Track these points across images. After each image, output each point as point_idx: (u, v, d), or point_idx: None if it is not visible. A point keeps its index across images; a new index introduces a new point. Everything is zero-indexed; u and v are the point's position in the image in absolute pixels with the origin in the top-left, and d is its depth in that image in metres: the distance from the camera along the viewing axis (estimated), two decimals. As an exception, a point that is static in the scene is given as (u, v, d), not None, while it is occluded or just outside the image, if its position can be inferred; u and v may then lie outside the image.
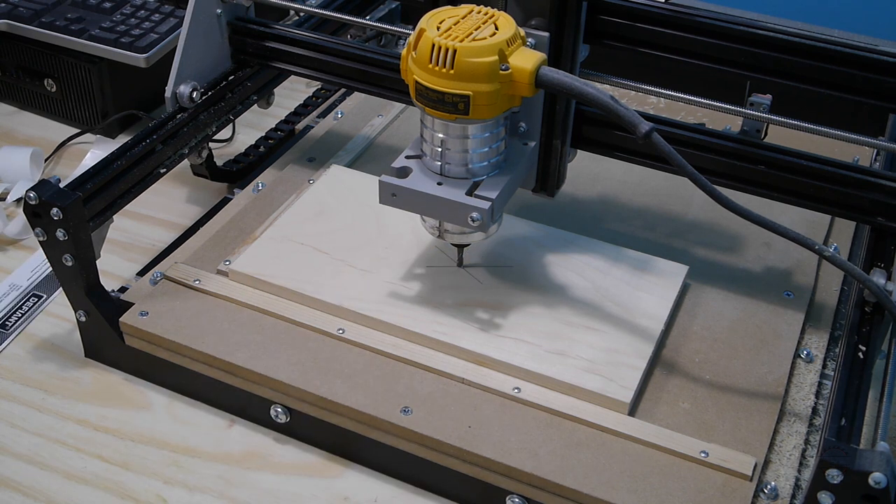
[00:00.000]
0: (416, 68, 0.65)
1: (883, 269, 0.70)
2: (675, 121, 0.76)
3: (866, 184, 0.70)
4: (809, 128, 0.69)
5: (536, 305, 0.75)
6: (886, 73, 0.67)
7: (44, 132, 1.06)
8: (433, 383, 0.70)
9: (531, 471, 0.64)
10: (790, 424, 0.70)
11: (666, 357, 0.73)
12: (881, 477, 0.54)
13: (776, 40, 0.69)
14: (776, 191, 0.73)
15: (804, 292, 0.79)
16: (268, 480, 0.69)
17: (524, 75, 0.64)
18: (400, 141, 0.97)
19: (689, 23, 0.71)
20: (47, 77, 1.05)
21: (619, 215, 0.88)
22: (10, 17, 1.03)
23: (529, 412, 0.68)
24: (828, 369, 0.74)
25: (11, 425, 0.73)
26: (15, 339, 0.80)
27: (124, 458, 0.70)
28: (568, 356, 0.70)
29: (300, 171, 0.91)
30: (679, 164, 0.62)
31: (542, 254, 0.79)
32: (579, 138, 0.77)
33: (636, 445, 0.66)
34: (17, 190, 0.96)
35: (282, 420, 0.71)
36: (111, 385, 0.76)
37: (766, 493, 0.64)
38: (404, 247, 0.80)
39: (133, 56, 0.98)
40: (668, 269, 0.78)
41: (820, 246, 0.63)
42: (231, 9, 0.87)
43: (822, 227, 0.86)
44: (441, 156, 0.69)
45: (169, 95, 0.83)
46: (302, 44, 0.85)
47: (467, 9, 0.67)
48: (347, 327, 0.73)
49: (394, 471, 0.69)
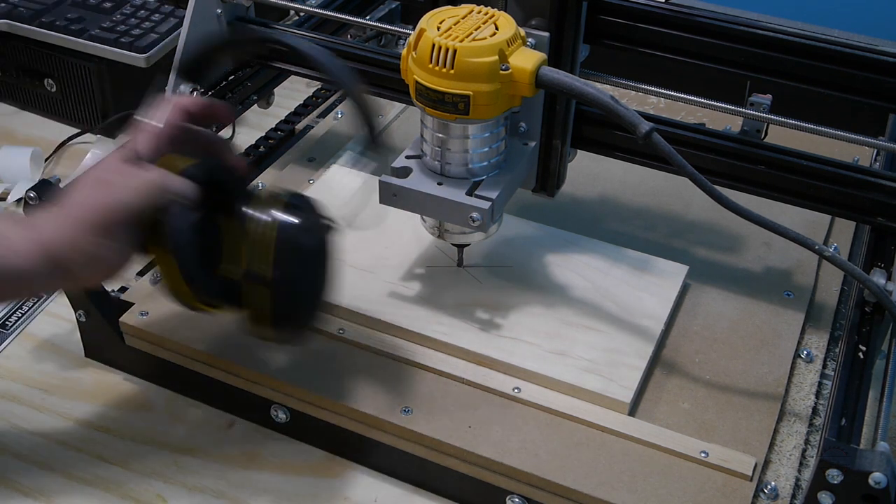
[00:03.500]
0: (416, 68, 0.65)
1: (883, 269, 0.70)
2: (675, 121, 0.76)
3: (866, 184, 0.70)
4: (809, 128, 0.69)
5: (536, 305, 0.75)
6: (886, 73, 0.67)
7: (44, 132, 1.06)
8: (433, 383, 0.70)
9: (531, 471, 0.64)
10: (790, 424, 0.70)
11: (666, 357, 0.73)
12: (881, 477, 0.54)
13: (776, 40, 0.69)
14: (776, 191, 0.73)
15: (804, 292, 0.79)
16: (268, 480, 0.69)
17: (524, 75, 0.64)
18: (400, 141, 0.97)
19: (689, 23, 0.71)
20: (47, 77, 1.05)
21: (619, 215, 0.87)
22: (10, 17, 1.03)
23: (529, 412, 0.68)
24: (828, 369, 0.74)
25: (11, 425, 0.73)
26: (15, 338, 0.80)
27: (124, 458, 0.70)
28: (568, 356, 0.70)
29: (300, 171, 0.91)
30: (679, 164, 0.62)
31: (542, 254, 0.79)
32: (579, 138, 0.77)
33: (636, 445, 0.66)
34: (17, 190, 0.96)
35: (282, 420, 0.71)
36: (111, 385, 0.76)
37: (766, 493, 0.64)
38: (404, 247, 0.80)
39: (133, 56, 0.98)
40: (668, 269, 0.78)
41: (820, 246, 0.63)
42: (231, 9, 0.87)
43: (822, 227, 0.86)
44: (441, 156, 0.69)
45: (169, 95, 0.83)
46: (302, 44, 0.85)
47: (467, 9, 0.67)
48: (347, 327, 0.73)
49: (394, 471, 0.69)
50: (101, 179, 0.61)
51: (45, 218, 0.61)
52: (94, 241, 0.59)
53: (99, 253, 0.60)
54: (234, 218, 0.61)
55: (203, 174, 0.62)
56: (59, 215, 0.60)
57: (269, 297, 0.60)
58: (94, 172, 0.63)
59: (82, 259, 0.60)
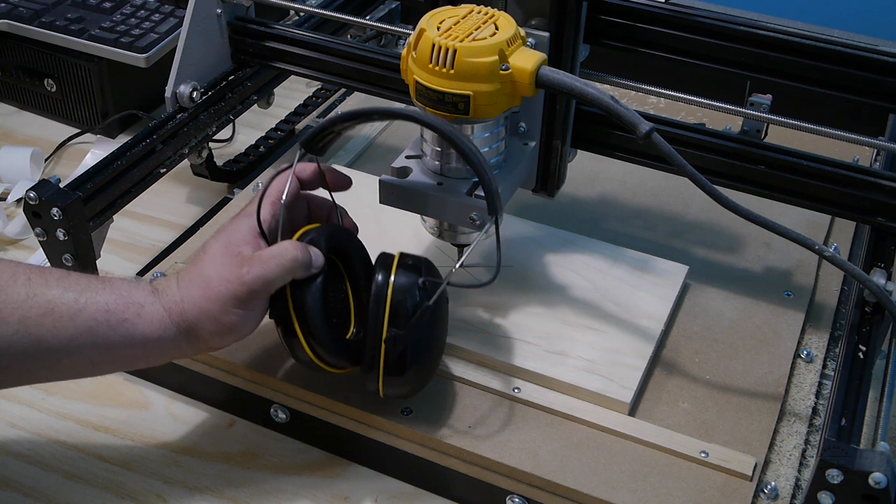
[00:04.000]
0: (416, 68, 0.65)
1: (883, 269, 0.70)
2: (675, 121, 0.76)
3: (866, 184, 0.70)
4: (809, 128, 0.69)
5: (536, 305, 0.75)
6: (886, 73, 0.67)
7: (44, 132, 1.06)
8: (433, 383, 0.70)
9: (531, 471, 0.64)
10: (790, 424, 0.70)
11: (666, 357, 0.73)
12: (881, 477, 0.54)
13: (776, 40, 0.69)
14: (776, 191, 0.73)
15: (804, 292, 0.79)
16: (268, 480, 0.69)
17: (524, 75, 0.63)
18: (400, 141, 0.97)
19: (689, 23, 0.71)
20: (47, 77, 1.05)
21: (619, 215, 0.88)
22: (10, 17, 1.03)
23: (529, 412, 0.68)
24: (828, 369, 0.74)
25: (11, 425, 0.73)
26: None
27: (124, 458, 0.70)
28: (568, 356, 0.70)
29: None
30: (679, 164, 0.62)
31: (542, 254, 0.79)
32: (579, 138, 0.77)
33: (636, 445, 0.66)
34: (17, 190, 0.96)
35: (282, 420, 0.71)
36: (111, 385, 0.76)
37: (766, 493, 0.64)
38: (404, 247, 0.79)
39: (133, 56, 0.98)
40: (668, 269, 0.78)
41: (820, 246, 0.63)
42: (231, 9, 0.87)
43: (822, 227, 0.86)
44: (441, 156, 0.69)
45: (169, 95, 0.83)
46: (302, 44, 0.85)
47: (467, 9, 0.67)
48: (347, 327, 0.73)
49: (394, 471, 0.69)
50: (238, 253, 0.62)
51: (185, 286, 0.61)
52: (233, 313, 0.61)
53: (236, 323, 0.61)
54: (357, 280, 0.66)
55: (328, 241, 0.65)
56: (198, 286, 0.61)
57: (392, 355, 0.62)
58: (226, 240, 0.63)
59: (217, 329, 0.61)
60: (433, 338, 0.64)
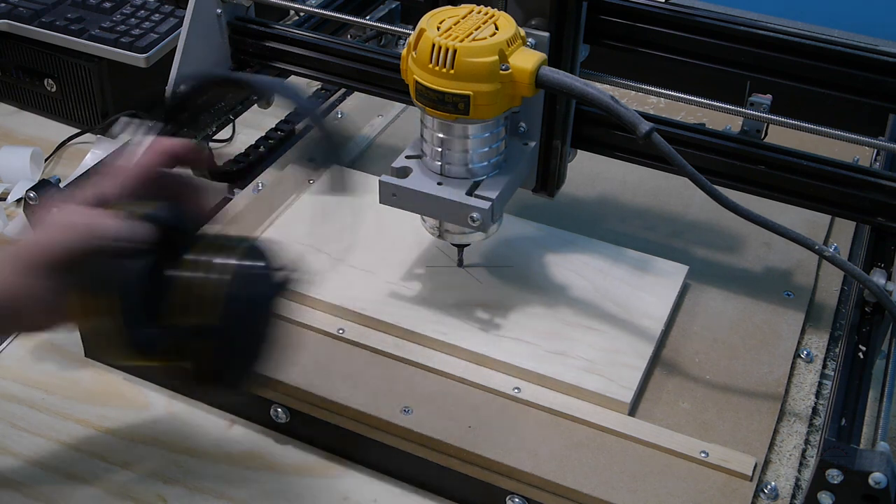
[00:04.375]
0: (416, 68, 0.65)
1: (883, 269, 0.70)
2: (675, 121, 0.76)
3: (866, 184, 0.70)
4: (809, 128, 0.69)
5: (536, 305, 0.75)
6: (886, 73, 0.67)
7: (44, 132, 1.06)
8: (433, 383, 0.70)
9: (531, 471, 0.64)
10: (790, 424, 0.70)
11: (666, 357, 0.73)
12: (881, 477, 0.54)
13: (776, 40, 0.69)
14: (776, 191, 0.73)
15: (804, 292, 0.79)
16: (268, 480, 0.69)
17: (524, 75, 0.64)
18: (400, 141, 0.97)
19: (689, 23, 0.71)
20: (47, 77, 1.05)
21: (619, 215, 0.87)
22: (10, 17, 1.03)
23: (529, 412, 0.68)
24: (828, 369, 0.74)
25: (11, 425, 0.73)
26: (15, 338, 0.80)
27: (124, 458, 0.70)
28: (568, 356, 0.70)
29: (300, 171, 0.91)
30: (679, 164, 0.62)
31: (542, 254, 0.79)
32: (579, 138, 0.77)
33: (636, 445, 0.66)
34: (17, 190, 0.96)
35: (282, 420, 0.71)
36: (111, 385, 0.76)
37: (766, 493, 0.64)
38: (404, 247, 0.80)
39: (133, 56, 0.98)
40: (668, 269, 0.78)
41: (820, 246, 0.63)
42: (231, 9, 0.87)
43: (822, 227, 0.86)
44: (441, 156, 0.69)
45: (169, 95, 0.83)
46: (302, 44, 0.85)
47: (467, 9, 0.67)
48: (347, 327, 0.73)
49: (394, 471, 0.69)
50: (49, 221, 0.59)
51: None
52: (27, 281, 0.57)
53: (33, 294, 0.57)
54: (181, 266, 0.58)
55: (159, 219, 0.58)
56: (3, 255, 0.58)
57: (209, 349, 0.57)
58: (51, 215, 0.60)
59: (17, 299, 0.57)
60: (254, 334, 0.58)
